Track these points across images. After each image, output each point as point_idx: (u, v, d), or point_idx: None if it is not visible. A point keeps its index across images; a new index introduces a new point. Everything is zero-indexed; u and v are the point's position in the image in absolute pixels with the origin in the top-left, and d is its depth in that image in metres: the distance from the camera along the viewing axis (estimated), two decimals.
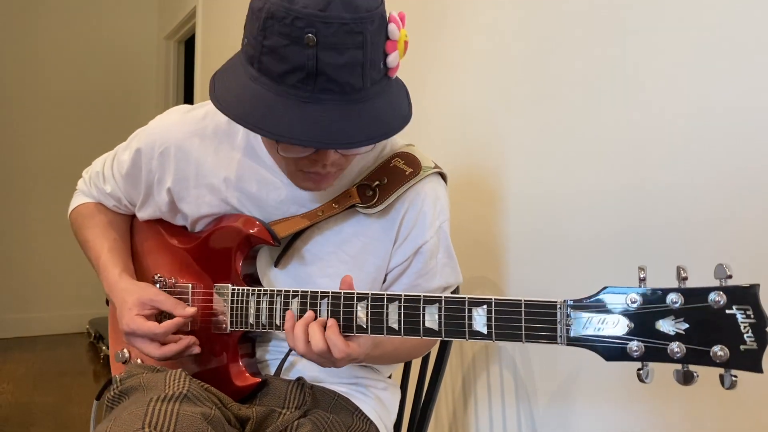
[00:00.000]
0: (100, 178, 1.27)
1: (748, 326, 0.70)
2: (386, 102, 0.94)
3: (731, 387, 0.71)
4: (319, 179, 1.03)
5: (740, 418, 1.05)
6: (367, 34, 0.88)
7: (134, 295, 1.12)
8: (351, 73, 0.88)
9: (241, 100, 0.92)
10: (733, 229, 1.05)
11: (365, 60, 0.89)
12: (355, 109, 0.90)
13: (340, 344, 0.93)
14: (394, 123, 0.94)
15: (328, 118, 0.88)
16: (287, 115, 0.88)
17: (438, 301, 0.88)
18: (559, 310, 0.78)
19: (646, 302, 0.74)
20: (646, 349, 0.74)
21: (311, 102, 0.88)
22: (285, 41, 0.87)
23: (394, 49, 0.93)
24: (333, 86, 0.88)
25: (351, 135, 0.89)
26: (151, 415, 0.88)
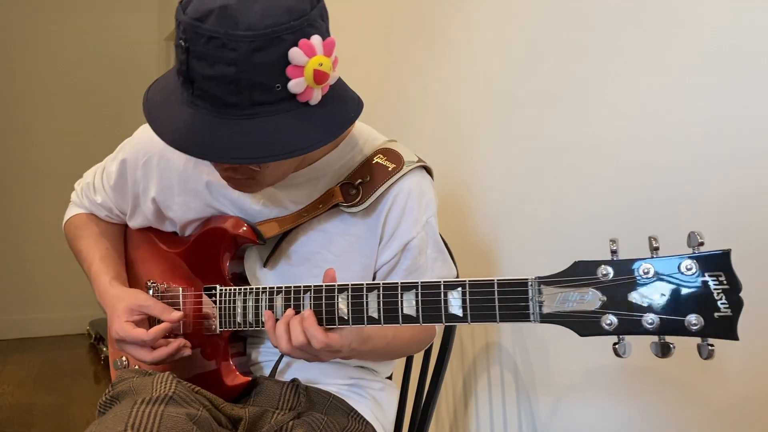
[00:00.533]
0: (91, 189, 1.29)
1: (722, 292, 0.68)
2: (274, 127, 0.89)
3: (709, 357, 0.70)
4: (236, 183, 1.04)
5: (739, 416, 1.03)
6: (242, 52, 0.85)
7: (123, 302, 1.13)
8: (222, 87, 0.87)
9: (158, 87, 0.99)
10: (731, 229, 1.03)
11: (240, 78, 0.86)
12: (229, 124, 0.89)
13: (318, 335, 0.93)
14: (270, 150, 0.90)
15: (199, 125, 0.90)
16: (168, 112, 0.93)
17: (415, 287, 0.87)
18: (531, 287, 0.77)
19: (618, 274, 0.73)
20: (619, 322, 0.73)
21: (189, 106, 0.91)
22: (178, 40, 0.90)
23: (296, 74, 0.88)
24: (205, 95, 0.89)
25: (210, 147, 0.90)
26: (134, 417, 0.88)
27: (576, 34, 1.31)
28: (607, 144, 1.25)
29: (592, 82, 1.28)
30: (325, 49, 0.90)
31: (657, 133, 1.14)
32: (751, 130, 1.00)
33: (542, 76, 1.41)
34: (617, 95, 1.22)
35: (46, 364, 3.76)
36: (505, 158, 1.52)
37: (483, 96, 1.60)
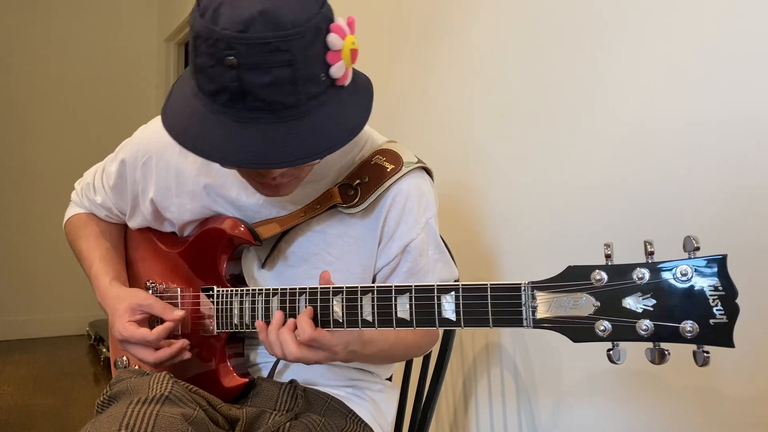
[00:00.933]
0: (90, 189, 1.29)
1: (717, 299, 0.67)
2: (329, 114, 0.90)
3: (704, 364, 0.68)
4: (274, 188, 1.01)
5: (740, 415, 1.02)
6: (295, 50, 0.84)
7: (125, 301, 1.13)
8: (280, 91, 0.85)
9: (181, 115, 0.92)
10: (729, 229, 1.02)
11: (296, 76, 0.85)
12: (290, 126, 0.87)
13: (306, 327, 0.92)
14: (337, 136, 0.90)
15: (259, 138, 0.86)
16: (220, 134, 0.87)
17: (409, 290, 0.86)
18: (524, 292, 0.76)
19: (612, 279, 0.72)
20: (613, 328, 0.72)
21: (243, 121, 0.87)
22: (211, 61, 0.85)
23: (336, 59, 0.89)
24: (262, 105, 0.86)
25: (284, 154, 0.87)
26: (129, 416, 0.88)
27: (577, 36, 1.30)
28: (606, 147, 1.24)
29: (591, 85, 1.27)
30: (350, 29, 0.92)
31: (657, 136, 1.13)
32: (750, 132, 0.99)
33: (542, 78, 1.40)
34: (617, 98, 1.21)
35: (46, 365, 3.78)
36: (506, 160, 1.51)
37: (483, 98, 1.59)
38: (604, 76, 1.25)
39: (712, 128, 1.04)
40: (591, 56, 1.28)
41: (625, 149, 1.20)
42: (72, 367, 3.74)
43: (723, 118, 1.02)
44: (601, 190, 1.25)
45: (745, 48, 0.99)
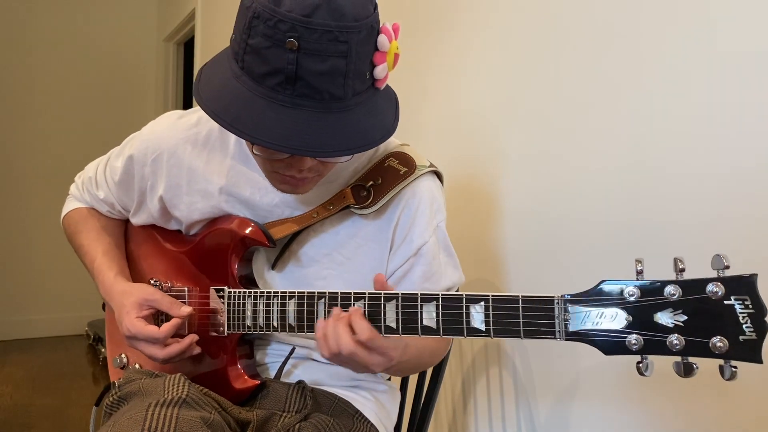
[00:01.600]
0: (92, 183, 1.27)
1: (747, 316, 0.70)
2: (368, 113, 0.92)
3: (731, 378, 0.71)
4: (296, 183, 1.01)
5: (739, 415, 1.05)
6: (352, 43, 0.86)
7: (131, 297, 1.12)
8: (332, 81, 0.86)
9: (220, 96, 0.91)
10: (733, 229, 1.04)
11: (348, 69, 0.87)
12: (334, 118, 0.88)
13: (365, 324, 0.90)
14: (374, 135, 0.92)
15: (304, 125, 0.87)
16: (264, 117, 0.87)
17: (435, 299, 0.87)
18: (557, 305, 0.78)
19: (644, 295, 0.74)
20: (645, 342, 0.74)
21: (289, 106, 0.87)
22: (268, 43, 0.85)
23: (382, 60, 0.92)
24: (312, 92, 0.87)
25: (326, 144, 0.87)
26: (150, 420, 0.87)
27: (589, 34, 1.31)
28: (614, 147, 1.25)
29: (603, 83, 1.27)
30: (395, 33, 0.94)
31: (675, 138, 1.14)
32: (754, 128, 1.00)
33: (547, 79, 1.41)
34: (631, 96, 1.21)
35: (45, 365, 3.73)
36: (509, 161, 1.52)
37: (485, 99, 1.60)
38: (611, 75, 1.26)
39: (727, 129, 1.05)
40: (595, 55, 1.29)
41: (632, 149, 1.21)
42: (71, 367, 3.70)
43: (738, 119, 1.03)
44: (608, 190, 1.26)
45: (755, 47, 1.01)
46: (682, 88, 1.12)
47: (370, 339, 0.89)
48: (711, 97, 1.08)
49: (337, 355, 0.92)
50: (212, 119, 0.90)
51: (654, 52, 1.17)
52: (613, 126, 1.25)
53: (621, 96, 1.24)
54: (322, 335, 0.93)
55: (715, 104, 1.07)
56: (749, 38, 1.02)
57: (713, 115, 1.08)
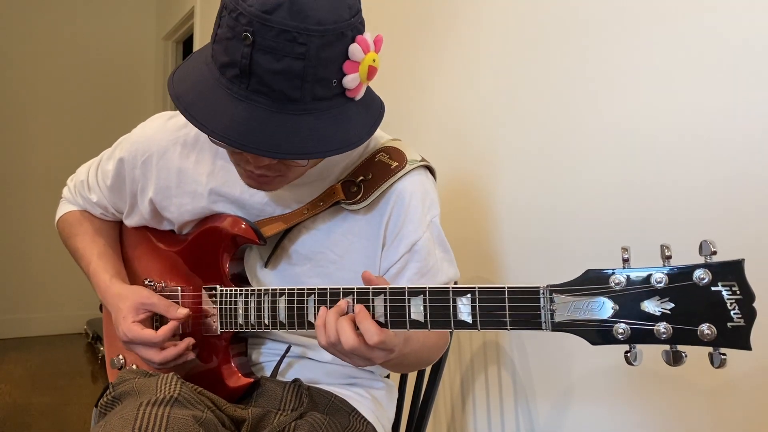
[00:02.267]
0: (85, 187, 1.27)
1: (735, 302, 0.68)
2: (332, 121, 0.90)
3: (720, 366, 0.70)
4: (259, 180, 1.00)
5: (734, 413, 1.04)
6: (312, 46, 0.84)
7: (127, 300, 1.12)
8: (286, 81, 0.85)
9: (186, 78, 0.92)
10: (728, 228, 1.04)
11: (306, 73, 0.85)
12: (288, 119, 0.87)
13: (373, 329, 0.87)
14: (331, 144, 0.89)
15: (254, 120, 0.86)
16: (216, 106, 0.87)
17: (423, 293, 0.86)
18: (543, 296, 0.77)
19: (631, 283, 0.73)
20: (632, 331, 0.73)
21: (242, 100, 0.87)
22: (230, 34, 0.86)
23: (353, 70, 0.89)
24: (266, 90, 0.86)
25: (274, 144, 0.86)
26: (141, 419, 0.87)
27: (584, 34, 1.30)
28: (613, 145, 1.24)
29: (598, 82, 1.27)
30: (376, 46, 0.92)
31: (671, 137, 1.13)
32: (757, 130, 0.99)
33: (545, 77, 1.40)
34: (625, 95, 1.21)
35: (44, 364, 3.75)
36: (506, 159, 1.51)
37: (484, 97, 1.59)
38: (605, 74, 1.25)
39: (724, 127, 1.04)
40: (592, 53, 1.29)
41: (629, 148, 1.20)
42: (70, 366, 3.72)
43: (734, 116, 1.03)
44: (604, 188, 1.25)
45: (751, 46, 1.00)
46: (674, 87, 1.12)
47: (379, 343, 0.86)
48: (703, 94, 1.07)
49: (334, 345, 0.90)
50: (170, 95, 0.91)
51: (648, 51, 1.17)
52: (609, 124, 1.25)
53: (616, 95, 1.23)
54: (322, 323, 0.91)
55: (707, 100, 1.06)
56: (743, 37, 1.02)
57: (704, 111, 1.07)
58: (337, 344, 0.89)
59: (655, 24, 1.15)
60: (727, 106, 1.04)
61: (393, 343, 0.89)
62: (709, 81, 1.06)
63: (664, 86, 1.14)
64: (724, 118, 1.04)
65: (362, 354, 0.89)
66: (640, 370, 1.18)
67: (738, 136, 1.02)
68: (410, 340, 1.00)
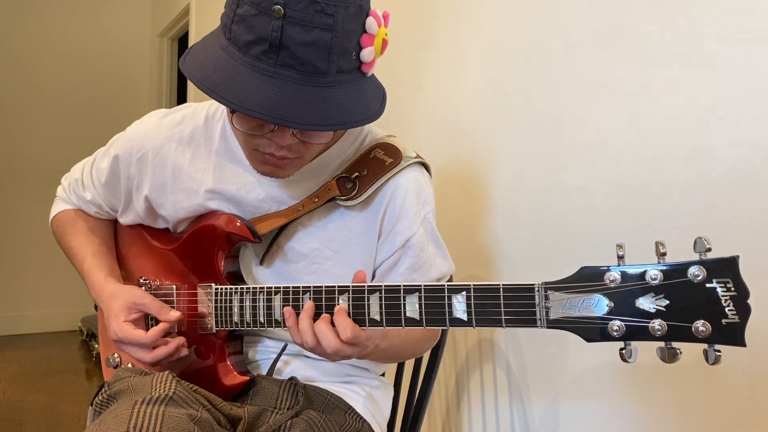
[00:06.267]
0: (79, 185, 1.26)
1: (729, 299, 0.68)
2: (354, 93, 0.92)
3: (715, 362, 0.70)
4: (276, 163, 1.00)
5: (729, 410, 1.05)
6: (339, 18, 0.86)
7: (120, 300, 1.11)
8: (316, 53, 0.87)
9: (204, 66, 0.92)
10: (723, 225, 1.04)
11: (333, 44, 0.87)
12: (317, 91, 0.88)
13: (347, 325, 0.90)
14: (357, 115, 0.92)
15: (286, 94, 0.87)
16: (245, 85, 0.87)
17: (418, 290, 0.86)
18: (538, 293, 0.77)
19: (625, 280, 0.73)
20: (627, 328, 0.73)
21: (272, 76, 0.87)
22: (255, 11, 0.86)
23: (369, 43, 0.92)
24: (295, 63, 0.87)
25: (307, 116, 0.87)
26: (135, 417, 0.87)
27: (579, 31, 1.30)
28: (608, 143, 1.24)
29: (592, 80, 1.27)
30: (385, 21, 0.94)
31: (663, 134, 1.13)
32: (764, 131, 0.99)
33: (538, 75, 1.40)
34: (621, 93, 1.21)
35: (38, 361, 3.75)
36: (505, 157, 1.51)
37: (477, 94, 1.59)
38: (601, 74, 1.25)
39: (720, 127, 1.04)
40: (587, 51, 1.28)
41: (624, 145, 1.20)
42: (64, 363, 3.72)
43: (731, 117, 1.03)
44: (599, 186, 1.26)
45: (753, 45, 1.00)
46: (669, 86, 1.12)
47: (352, 338, 0.90)
48: (697, 92, 1.07)
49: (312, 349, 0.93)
50: (194, 85, 0.90)
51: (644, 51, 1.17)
52: (603, 122, 1.25)
53: (610, 93, 1.23)
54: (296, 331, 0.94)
55: (700, 99, 1.07)
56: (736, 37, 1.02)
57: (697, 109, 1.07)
58: (316, 347, 0.92)
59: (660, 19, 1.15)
60: (720, 105, 1.04)
61: (364, 338, 0.92)
62: (705, 79, 1.06)
63: (659, 85, 1.14)
64: (717, 116, 1.04)
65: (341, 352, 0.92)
66: (635, 367, 1.18)
67: (731, 133, 1.02)
68: (389, 335, 1.02)
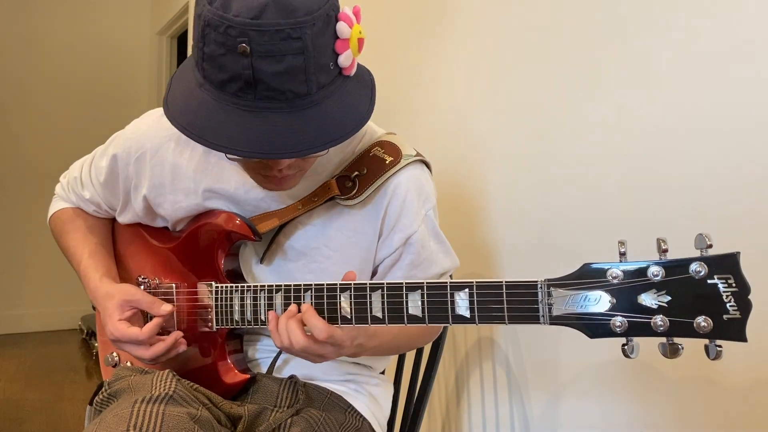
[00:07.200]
0: (78, 183, 1.26)
1: (730, 295, 0.69)
2: (338, 104, 0.90)
3: (716, 358, 0.71)
4: (279, 181, 1.01)
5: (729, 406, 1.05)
6: (307, 38, 0.84)
7: (113, 299, 1.11)
8: (292, 80, 0.85)
9: (186, 109, 0.91)
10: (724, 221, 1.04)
11: (308, 65, 0.85)
12: (301, 115, 0.87)
13: (320, 324, 0.91)
14: (347, 126, 0.90)
15: (271, 128, 0.86)
16: (230, 125, 0.86)
17: (420, 288, 0.87)
18: (541, 290, 0.78)
19: (628, 277, 0.74)
20: (629, 324, 0.73)
21: (254, 110, 0.86)
22: (221, 50, 0.85)
23: (345, 48, 0.90)
24: (274, 94, 0.86)
25: (296, 143, 0.86)
26: (136, 416, 0.87)
27: (578, 30, 1.31)
28: (609, 139, 1.24)
29: (598, 79, 1.27)
30: (357, 18, 0.92)
31: (665, 132, 1.13)
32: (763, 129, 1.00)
33: (538, 72, 1.40)
34: (625, 92, 1.21)
35: (38, 360, 3.74)
36: (506, 155, 1.51)
37: (476, 91, 1.59)
38: (599, 71, 1.26)
39: (719, 121, 1.05)
40: (587, 47, 1.29)
41: (625, 142, 1.21)
42: (64, 362, 3.71)
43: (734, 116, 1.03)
44: (600, 182, 1.26)
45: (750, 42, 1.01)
46: (669, 81, 1.12)
47: (327, 338, 0.91)
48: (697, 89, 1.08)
49: (288, 349, 0.95)
50: (183, 134, 0.90)
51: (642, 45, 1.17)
52: (604, 118, 1.25)
53: (611, 89, 1.23)
54: (274, 328, 0.96)
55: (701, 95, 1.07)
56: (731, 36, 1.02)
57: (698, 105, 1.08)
58: (290, 347, 0.94)
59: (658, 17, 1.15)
60: (721, 101, 1.04)
61: (340, 337, 0.93)
62: (704, 76, 1.07)
63: (659, 81, 1.14)
64: (718, 112, 1.05)
65: (314, 351, 0.93)
66: (635, 364, 1.19)
67: (732, 130, 1.03)
68: (378, 335, 1.02)
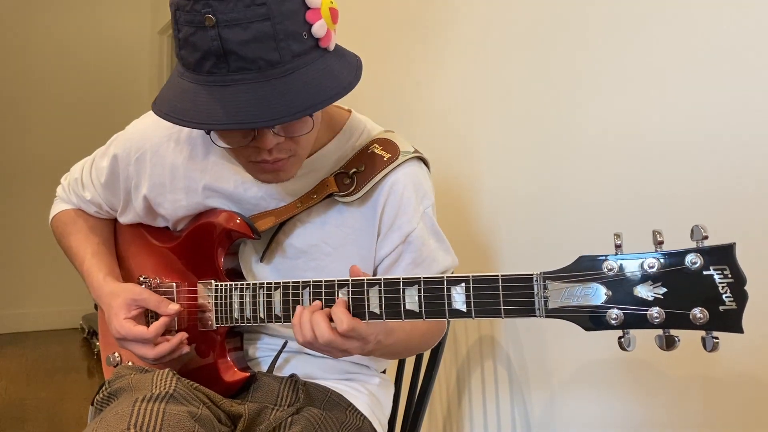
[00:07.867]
0: (79, 185, 1.26)
1: (726, 286, 0.69)
2: (317, 72, 0.90)
3: (713, 349, 0.70)
4: (273, 168, 1.00)
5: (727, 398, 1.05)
6: (271, 4, 0.85)
7: (119, 298, 1.11)
8: (261, 47, 0.86)
9: (170, 98, 0.92)
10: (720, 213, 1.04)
11: (276, 31, 0.86)
12: (277, 83, 0.87)
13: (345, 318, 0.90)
14: (326, 92, 0.90)
15: (248, 98, 0.86)
16: (208, 102, 0.87)
17: (417, 283, 0.87)
18: (536, 282, 0.77)
19: (623, 269, 0.73)
20: (625, 317, 0.73)
21: (229, 84, 0.87)
22: (191, 29, 0.86)
23: (316, 18, 0.89)
24: (246, 64, 0.86)
25: (274, 112, 0.86)
26: (136, 415, 0.87)
27: (576, 28, 1.31)
28: (604, 135, 1.25)
29: (593, 76, 1.27)
30: None
31: (660, 127, 1.14)
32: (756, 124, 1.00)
33: (537, 72, 1.40)
34: (619, 89, 1.22)
35: (39, 359, 3.74)
36: (504, 152, 1.51)
37: (477, 91, 1.59)
38: (596, 69, 1.26)
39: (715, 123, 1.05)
40: (586, 46, 1.29)
41: (620, 137, 1.21)
42: (65, 361, 3.71)
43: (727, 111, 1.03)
44: (596, 176, 1.26)
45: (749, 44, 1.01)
46: (665, 79, 1.12)
47: (350, 329, 0.90)
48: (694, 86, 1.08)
49: (311, 343, 0.93)
50: (165, 120, 0.91)
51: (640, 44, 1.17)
52: (600, 115, 1.25)
53: (608, 87, 1.24)
54: (297, 321, 0.94)
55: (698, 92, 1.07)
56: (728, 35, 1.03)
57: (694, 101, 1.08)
58: (314, 340, 0.92)
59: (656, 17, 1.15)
60: (717, 97, 1.04)
61: (364, 331, 0.92)
62: (701, 73, 1.07)
63: (655, 78, 1.14)
64: (714, 108, 1.05)
65: (338, 345, 0.92)
66: (635, 362, 1.18)
67: (727, 125, 1.03)
68: (394, 331, 1.01)
